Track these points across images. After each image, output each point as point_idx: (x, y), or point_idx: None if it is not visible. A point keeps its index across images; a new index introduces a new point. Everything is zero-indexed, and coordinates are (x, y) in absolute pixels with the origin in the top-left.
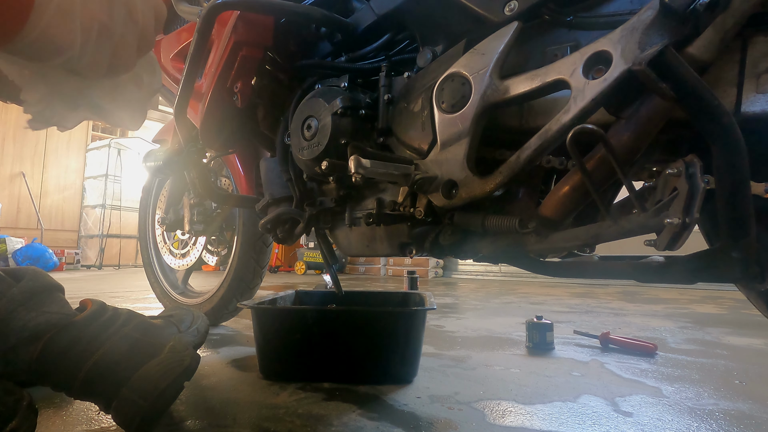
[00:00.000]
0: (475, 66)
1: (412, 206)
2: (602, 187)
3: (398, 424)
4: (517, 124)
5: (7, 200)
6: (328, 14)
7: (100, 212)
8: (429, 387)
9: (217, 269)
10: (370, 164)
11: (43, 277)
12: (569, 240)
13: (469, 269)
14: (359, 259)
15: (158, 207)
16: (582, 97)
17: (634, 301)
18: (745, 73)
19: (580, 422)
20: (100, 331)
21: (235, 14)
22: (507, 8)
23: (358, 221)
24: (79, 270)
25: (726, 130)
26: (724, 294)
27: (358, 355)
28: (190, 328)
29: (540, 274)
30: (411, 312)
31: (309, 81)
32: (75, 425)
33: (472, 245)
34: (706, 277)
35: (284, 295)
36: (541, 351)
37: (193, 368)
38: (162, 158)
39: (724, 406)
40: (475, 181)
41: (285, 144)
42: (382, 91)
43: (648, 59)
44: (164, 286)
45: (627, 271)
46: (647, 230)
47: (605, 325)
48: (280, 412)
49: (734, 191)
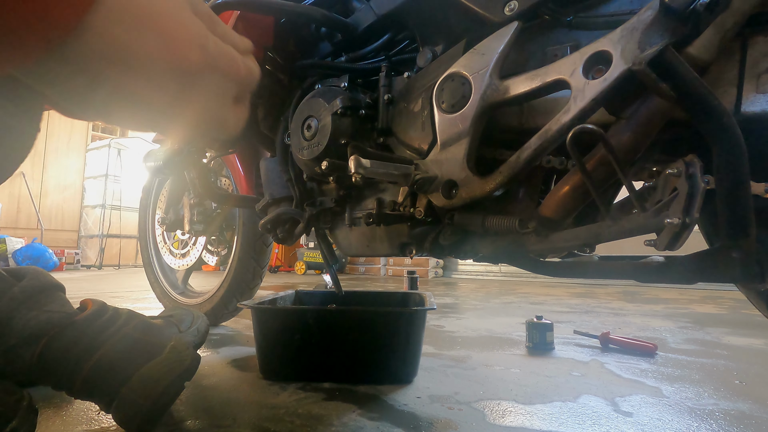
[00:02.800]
0: (475, 66)
1: (412, 206)
2: (602, 187)
3: (398, 424)
4: (517, 124)
5: (7, 200)
6: (328, 14)
7: (100, 212)
8: (429, 387)
9: (217, 269)
10: (370, 164)
11: (45, 276)
12: (569, 240)
13: (469, 269)
14: (359, 259)
15: (158, 207)
16: (582, 97)
17: (634, 301)
18: (745, 73)
19: (580, 422)
20: (101, 331)
21: (235, 14)
22: (507, 8)
23: (358, 221)
24: (79, 270)
25: (726, 130)
26: (724, 294)
27: (358, 355)
28: (190, 328)
29: (540, 274)
30: (411, 312)
31: (309, 81)
32: (75, 425)
33: (472, 245)
34: (706, 277)
35: (284, 295)
36: (541, 351)
37: (194, 368)
38: (162, 158)
39: (724, 406)
40: (475, 181)
41: (285, 144)
42: (382, 91)
43: (648, 59)
44: (164, 286)
45: (627, 271)
46: (647, 230)
47: (605, 325)
48: (280, 412)
49: (734, 191)
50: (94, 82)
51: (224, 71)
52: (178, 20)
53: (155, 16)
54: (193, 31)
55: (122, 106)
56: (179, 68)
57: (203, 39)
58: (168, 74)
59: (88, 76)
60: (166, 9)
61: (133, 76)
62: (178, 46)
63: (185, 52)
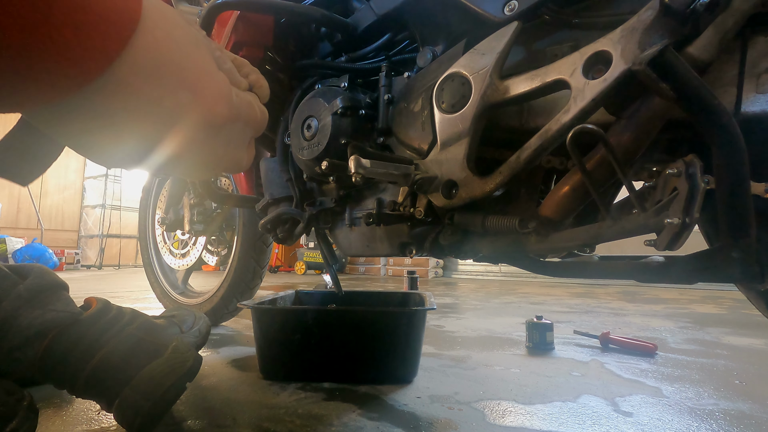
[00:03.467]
0: (475, 66)
1: (412, 206)
2: (602, 187)
3: (398, 424)
4: (517, 124)
5: (7, 200)
6: (328, 14)
7: (100, 212)
8: (429, 387)
9: (217, 269)
10: (370, 164)
11: (49, 275)
12: (569, 240)
13: (469, 269)
14: (359, 259)
15: (158, 207)
16: (582, 97)
17: (634, 301)
18: (745, 73)
19: (580, 422)
20: (105, 330)
21: (235, 14)
22: (507, 8)
23: (358, 221)
24: (79, 270)
25: (726, 130)
26: (724, 294)
27: (358, 355)
28: (192, 328)
29: (540, 274)
30: (411, 312)
31: (309, 81)
32: (75, 425)
33: (472, 245)
34: (706, 277)
35: (284, 295)
36: (541, 351)
37: (196, 369)
38: None
39: (724, 406)
40: (475, 181)
41: (285, 144)
42: (382, 91)
43: (648, 59)
44: (164, 286)
45: (627, 271)
46: (647, 230)
47: (605, 325)
48: (280, 412)
49: (734, 191)
50: (118, 133)
51: (245, 120)
52: (207, 76)
53: (186, 72)
54: (220, 86)
55: (143, 155)
56: (209, 122)
57: (229, 93)
58: (197, 127)
59: (110, 125)
60: (196, 65)
61: (161, 128)
62: (207, 101)
63: (214, 107)
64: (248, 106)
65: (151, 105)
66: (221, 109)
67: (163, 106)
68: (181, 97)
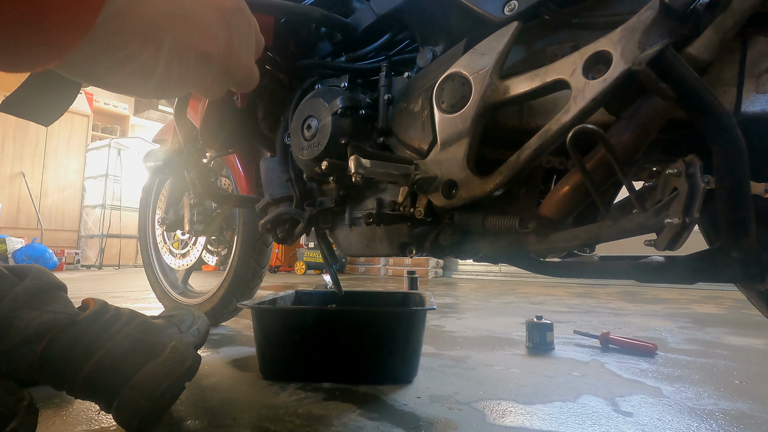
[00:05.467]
0: (475, 66)
1: (412, 206)
2: (602, 187)
3: (398, 424)
4: (517, 124)
5: (7, 200)
6: (328, 14)
7: (100, 212)
8: (429, 387)
9: (217, 269)
10: (370, 164)
11: (47, 275)
12: (569, 240)
13: (469, 269)
14: (359, 259)
15: (158, 207)
16: (582, 97)
17: (634, 301)
18: (745, 73)
19: (580, 422)
20: (103, 331)
21: None
22: (507, 8)
23: (358, 221)
24: (79, 270)
25: (726, 130)
26: (724, 294)
27: (358, 355)
28: (191, 328)
29: (540, 274)
30: (411, 312)
31: (309, 81)
32: (75, 425)
33: (472, 245)
34: (706, 277)
35: (284, 295)
36: (541, 351)
37: (195, 369)
38: (162, 158)
39: (724, 406)
40: (475, 181)
41: (285, 144)
42: (382, 91)
43: (648, 59)
44: (164, 286)
45: (627, 271)
46: (647, 230)
47: (605, 325)
48: (280, 412)
49: (734, 191)
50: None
51: (248, 17)
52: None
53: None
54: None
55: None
56: (219, 7)
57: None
58: (210, 13)
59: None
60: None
61: (182, 26)
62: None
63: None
64: (247, 10)
65: (163, 19)
66: (226, 2)
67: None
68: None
